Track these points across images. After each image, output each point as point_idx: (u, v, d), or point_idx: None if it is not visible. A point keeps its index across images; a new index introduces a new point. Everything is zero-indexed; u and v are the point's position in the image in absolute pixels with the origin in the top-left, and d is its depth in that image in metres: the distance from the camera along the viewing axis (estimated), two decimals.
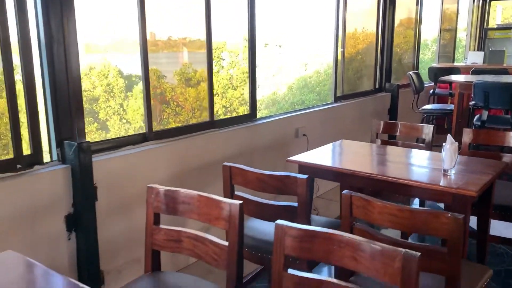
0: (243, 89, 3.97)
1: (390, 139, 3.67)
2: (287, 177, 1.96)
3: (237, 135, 3.12)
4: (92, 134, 3.42)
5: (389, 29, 5.06)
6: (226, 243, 1.58)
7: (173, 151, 2.68)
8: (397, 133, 3.19)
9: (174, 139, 2.73)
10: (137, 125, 3.51)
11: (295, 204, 1.96)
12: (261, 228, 2.17)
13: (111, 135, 3.61)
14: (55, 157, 2.16)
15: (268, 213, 2.03)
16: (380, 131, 3.21)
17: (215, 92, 3.16)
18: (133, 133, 2.73)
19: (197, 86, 3.25)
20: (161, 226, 1.75)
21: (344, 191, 1.74)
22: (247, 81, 3.32)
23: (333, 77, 4.30)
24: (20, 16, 1.97)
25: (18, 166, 2.02)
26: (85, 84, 3.28)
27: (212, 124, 3.03)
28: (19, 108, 2.02)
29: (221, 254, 1.59)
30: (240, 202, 1.57)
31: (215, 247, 1.60)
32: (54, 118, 2.12)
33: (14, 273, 1.32)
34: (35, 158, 2.08)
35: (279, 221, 1.42)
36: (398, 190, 2.23)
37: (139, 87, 3.21)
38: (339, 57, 4.37)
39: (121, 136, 2.57)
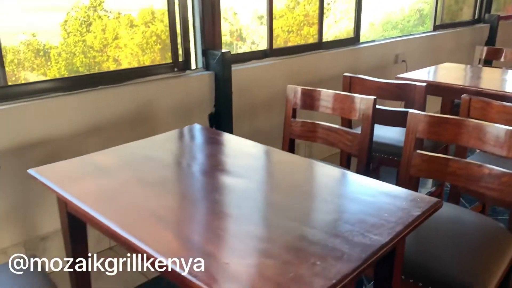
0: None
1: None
2: (406, 85, 2.21)
3: (342, 56, 3.36)
4: None
5: None
6: (359, 132, 1.90)
7: (288, 67, 3.00)
8: (501, 59, 3.25)
9: (289, 57, 3.04)
10: None
11: (412, 110, 2.22)
12: (376, 132, 2.46)
13: None
14: (200, 65, 2.57)
15: (385, 118, 2.31)
16: (483, 56, 3.28)
17: (289, 29, 3.32)
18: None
19: None
20: (297, 119, 2.10)
21: (464, 95, 1.97)
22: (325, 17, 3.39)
23: (433, 6, 4.29)
24: None
25: (175, 69, 2.45)
26: None
27: (320, 45, 3.29)
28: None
29: (353, 141, 1.92)
30: (374, 97, 1.87)
31: (348, 135, 1.94)
32: (201, 33, 2.50)
33: (206, 137, 1.76)
34: (186, 64, 2.51)
35: (412, 110, 1.71)
36: None
37: None
38: None
39: (248, 51, 2.92)
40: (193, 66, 2.57)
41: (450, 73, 2.87)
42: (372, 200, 1.22)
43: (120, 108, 2.20)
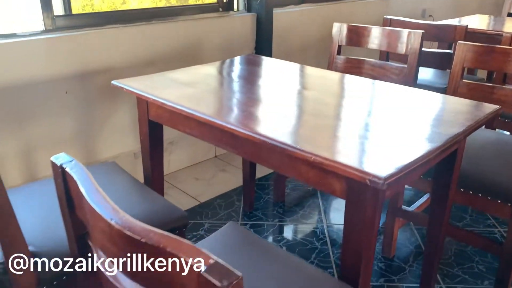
0: None
1: None
2: (447, 26, 2.29)
3: (373, 7, 3.43)
4: None
5: None
6: (405, 65, 2.00)
7: (322, 13, 3.07)
8: None
9: (323, 4, 3.11)
10: None
11: (451, 51, 2.31)
12: None
13: None
14: (242, 7, 2.64)
15: (425, 59, 2.39)
16: None
17: None
18: None
19: None
20: (342, 56, 2.19)
21: (505, 34, 2.05)
22: None
23: None
24: None
25: (220, 9, 2.53)
26: None
27: None
28: None
29: (399, 74, 2.02)
30: (422, 31, 1.95)
31: (394, 69, 2.03)
32: None
33: (256, 61, 1.87)
34: (230, 5, 2.58)
35: (460, 42, 1.80)
36: None
37: None
38: None
39: None
40: (235, 8, 2.64)
41: (479, 22, 2.94)
42: (439, 105, 1.35)
43: (170, 43, 2.29)
